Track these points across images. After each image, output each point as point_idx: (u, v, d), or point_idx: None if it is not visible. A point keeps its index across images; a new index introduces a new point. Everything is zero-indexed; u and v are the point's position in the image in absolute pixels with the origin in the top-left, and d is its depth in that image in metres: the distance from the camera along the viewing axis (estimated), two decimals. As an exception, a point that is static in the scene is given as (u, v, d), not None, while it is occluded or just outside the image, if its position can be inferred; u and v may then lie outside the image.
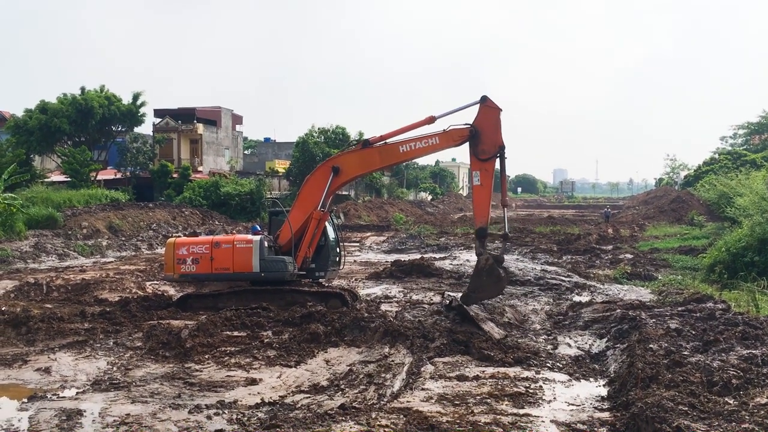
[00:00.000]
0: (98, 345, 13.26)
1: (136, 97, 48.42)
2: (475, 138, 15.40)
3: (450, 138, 15.90)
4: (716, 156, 69.36)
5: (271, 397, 9.88)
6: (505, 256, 17.26)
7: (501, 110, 15.44)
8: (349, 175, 17.22)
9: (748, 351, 10.52)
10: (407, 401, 9.76)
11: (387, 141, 16.39)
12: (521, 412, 9.33)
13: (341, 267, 18.84)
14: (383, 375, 10.97)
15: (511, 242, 17.02)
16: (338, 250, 18.35)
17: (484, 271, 15.01)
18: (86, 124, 45.79)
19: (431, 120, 15.83)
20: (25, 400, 9.89)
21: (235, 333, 13.87)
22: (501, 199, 16.14)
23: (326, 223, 17.35)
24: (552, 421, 8.99)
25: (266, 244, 16.71)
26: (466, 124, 15.54)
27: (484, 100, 15.44)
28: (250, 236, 17.10)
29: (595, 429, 8.71)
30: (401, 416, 8.97)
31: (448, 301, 15.89)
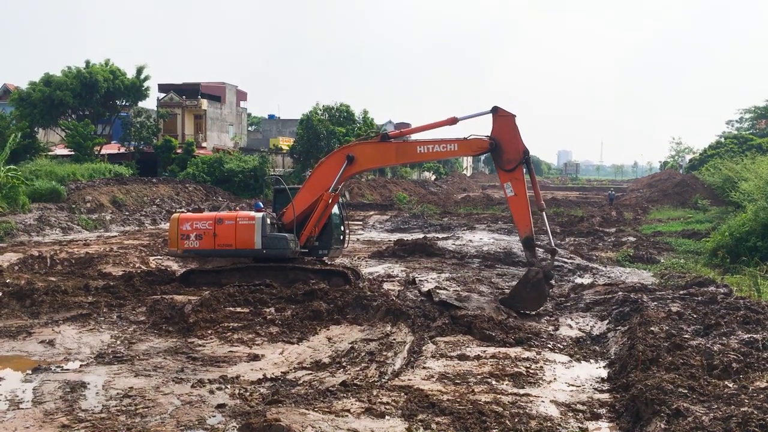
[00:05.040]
0: (102, 318, 13.37)
1: (140, 70, 48.21)
2: (496, 150, 15.20)
3: (469, 147, 15.84)
4: (722, 140, 68.81)
5: (273, 373, 9.96)
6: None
7: (515, 116, 15.17)
8: (363, 167, 17.16)
9: (749, 335, 10.55)
10: (408, 379, 9.83)
11: (406, 139, 16.21)
12: (521, 391, 9.39)
13: (345, 246, 18.87)
14: (385, 353, 11.04)
15: (558, 255, 16.51)
16: (343, 228, 18.38)
17: (530, 284, 14.72)
18: (90, 97, 45.68)
19: (453, 121, 15.66)
20: (30, 371, 9.99)
21: (238, 309, 13.95)
22: (536, 203, 15.58)
23: None
24: (552, 401, 9.05)
25: (269, 221, 16.73)
26: (486, 136, 15.35)
27: (496, 111, 15.19)
28: (252, 213, 17.14)
29: (595, 410, 8.77)
30: (402, 394, 9.03)
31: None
